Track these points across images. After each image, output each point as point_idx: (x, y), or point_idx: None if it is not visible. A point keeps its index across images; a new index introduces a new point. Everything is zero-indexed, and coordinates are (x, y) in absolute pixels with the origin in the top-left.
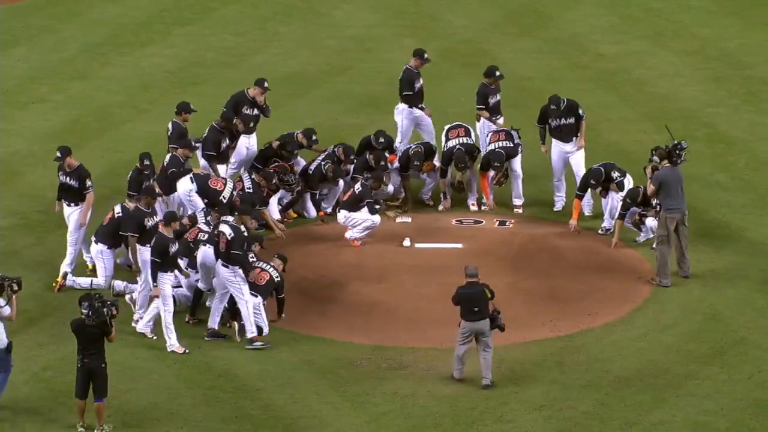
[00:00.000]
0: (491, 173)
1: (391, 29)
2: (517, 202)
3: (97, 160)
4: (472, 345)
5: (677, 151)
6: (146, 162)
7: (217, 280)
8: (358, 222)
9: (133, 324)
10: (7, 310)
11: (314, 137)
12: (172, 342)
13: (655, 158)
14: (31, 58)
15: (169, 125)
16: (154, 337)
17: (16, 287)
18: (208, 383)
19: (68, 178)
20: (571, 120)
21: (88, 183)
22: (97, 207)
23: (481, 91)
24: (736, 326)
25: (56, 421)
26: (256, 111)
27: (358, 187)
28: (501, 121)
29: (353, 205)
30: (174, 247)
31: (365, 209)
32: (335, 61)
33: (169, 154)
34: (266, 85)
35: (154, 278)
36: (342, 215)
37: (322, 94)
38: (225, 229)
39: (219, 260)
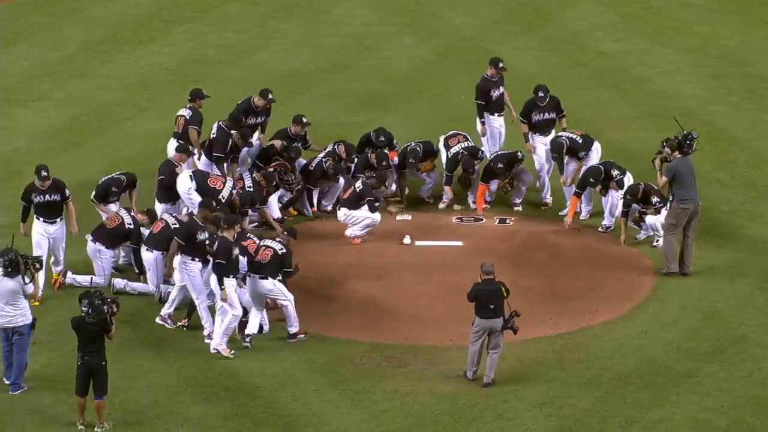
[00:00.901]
0: (492, 185)
1: (391, 27)
2: (517, 200)
3: (97, 158)
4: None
5: (688, 141)
6: (112, 198)
7: (251, 292)
8: (359, 220)
9: (168, 323)
10: (30, 288)
11: (305, 120)
12: (220, 343)
13: (667, 149)
14: (31, 55)
15: (185, 111)
16: (233, 353)
17: (38, 266)
18: (208, 381)
19: (48, 196)
20: (575, 157)
21: (68, 192)
22: (92, 205)
23: (527, 105)
24: (737, 324)
25: (56, 419)
26: (260, 119)
27: (359, 185)
28: (540, 138)
29: (354, 203)
30: (236, 251)
31: (365, 207)
32: (335, 58)
33: (164, 162)
34: (270, 96)
35: (221, 282)
36: (342, 213)
37: (322, 92)
38: (275, 244)
39: (256, 274)
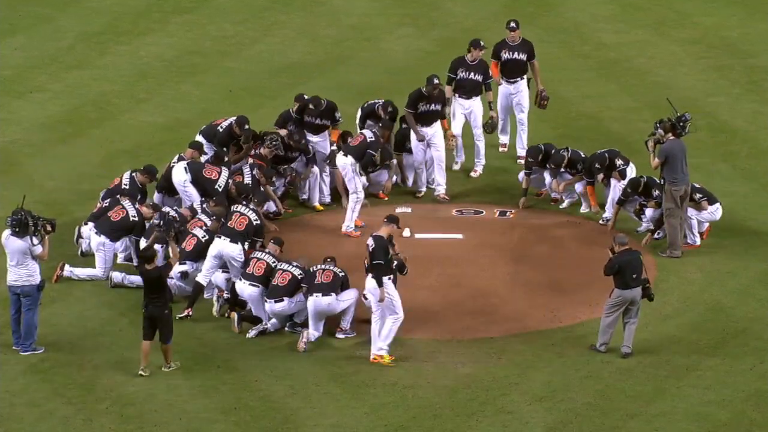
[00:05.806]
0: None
1: (391, 18)
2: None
3: (95, 149)
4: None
5: (681, 123)
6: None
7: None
8: (349, 178)
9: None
10: (38, 249)
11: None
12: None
13: (660, 131)
14: (28, 47)
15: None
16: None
17: (49, 228)
18: (206, 374)
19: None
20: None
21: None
22: (93, 198)
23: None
24: (738, 317)
25: (53, 413)
26: (435, 106)
27: (369, 134)
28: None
29: (359, 152)
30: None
31: (363, 178)
32: (334, 50)
33: (177, 156)
34: (436, 81)
35: (380, 283)
36: (344, 160)
37: (322, 84)
38: (293, 269)
39: (271, 299)
